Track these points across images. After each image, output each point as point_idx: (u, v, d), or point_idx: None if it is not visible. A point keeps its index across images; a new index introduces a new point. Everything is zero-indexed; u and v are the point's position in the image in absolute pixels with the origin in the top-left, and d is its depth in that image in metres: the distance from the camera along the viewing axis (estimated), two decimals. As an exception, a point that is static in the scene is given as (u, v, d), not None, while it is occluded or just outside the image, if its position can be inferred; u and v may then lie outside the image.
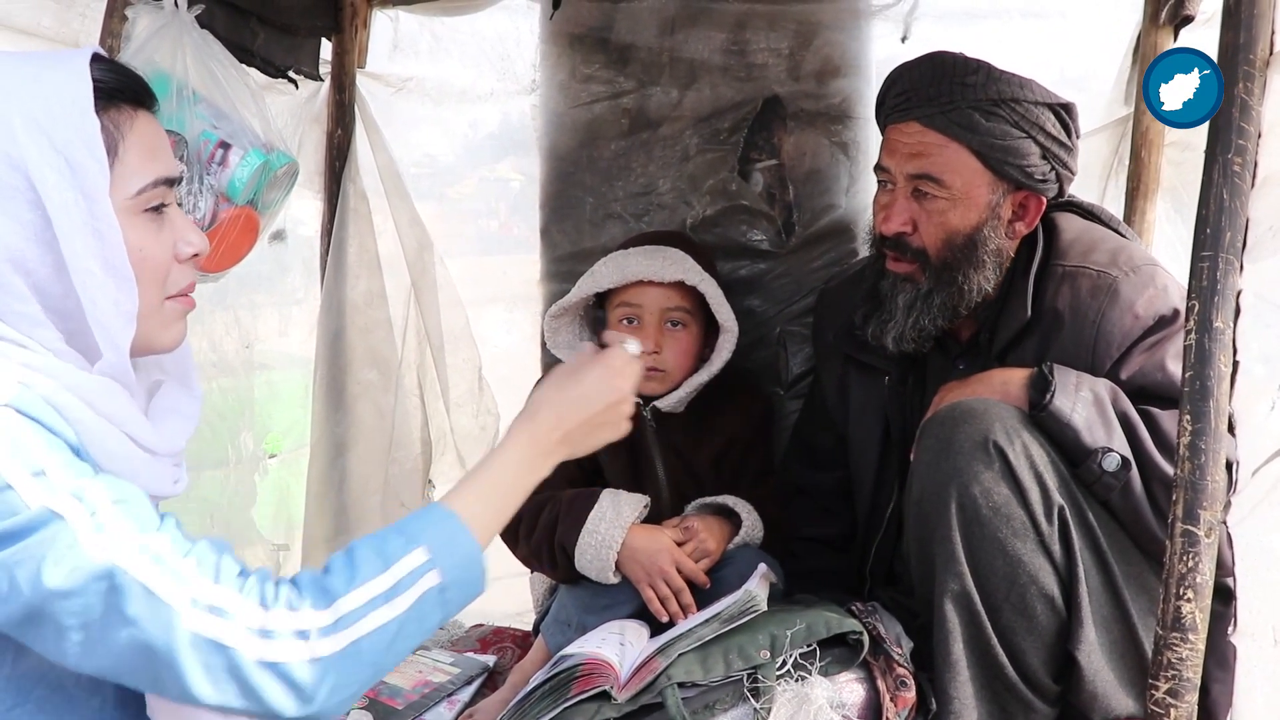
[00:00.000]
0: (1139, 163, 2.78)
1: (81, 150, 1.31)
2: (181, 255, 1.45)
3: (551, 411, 1.53)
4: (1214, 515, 1.59)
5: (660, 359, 2.43)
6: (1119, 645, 1.90)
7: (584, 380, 1.57)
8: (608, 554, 2.24)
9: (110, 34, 2.22)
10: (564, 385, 1.57)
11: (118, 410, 1.37)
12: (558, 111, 2.92)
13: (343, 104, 3.11)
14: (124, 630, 1.21)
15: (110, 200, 1.33)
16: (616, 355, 1.61)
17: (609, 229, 2.84)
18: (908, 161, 2.12)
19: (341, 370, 3.14)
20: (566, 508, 2.30)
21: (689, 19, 2.79)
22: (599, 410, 1.56)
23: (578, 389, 1.56)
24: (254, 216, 2.36)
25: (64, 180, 1.30)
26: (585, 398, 1.55)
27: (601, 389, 1.56)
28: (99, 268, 1.32)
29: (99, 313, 1.33)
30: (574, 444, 1.55)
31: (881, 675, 1.94)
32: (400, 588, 1.31)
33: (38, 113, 1.30)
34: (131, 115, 1.39)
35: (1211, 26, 2.35)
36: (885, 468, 2.34)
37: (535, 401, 1.56)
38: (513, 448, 1.50)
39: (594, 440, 1.58)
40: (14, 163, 1.28)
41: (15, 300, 1.31)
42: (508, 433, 1.53)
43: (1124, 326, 2.01)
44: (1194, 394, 1.58)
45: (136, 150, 1.38)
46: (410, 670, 2.51)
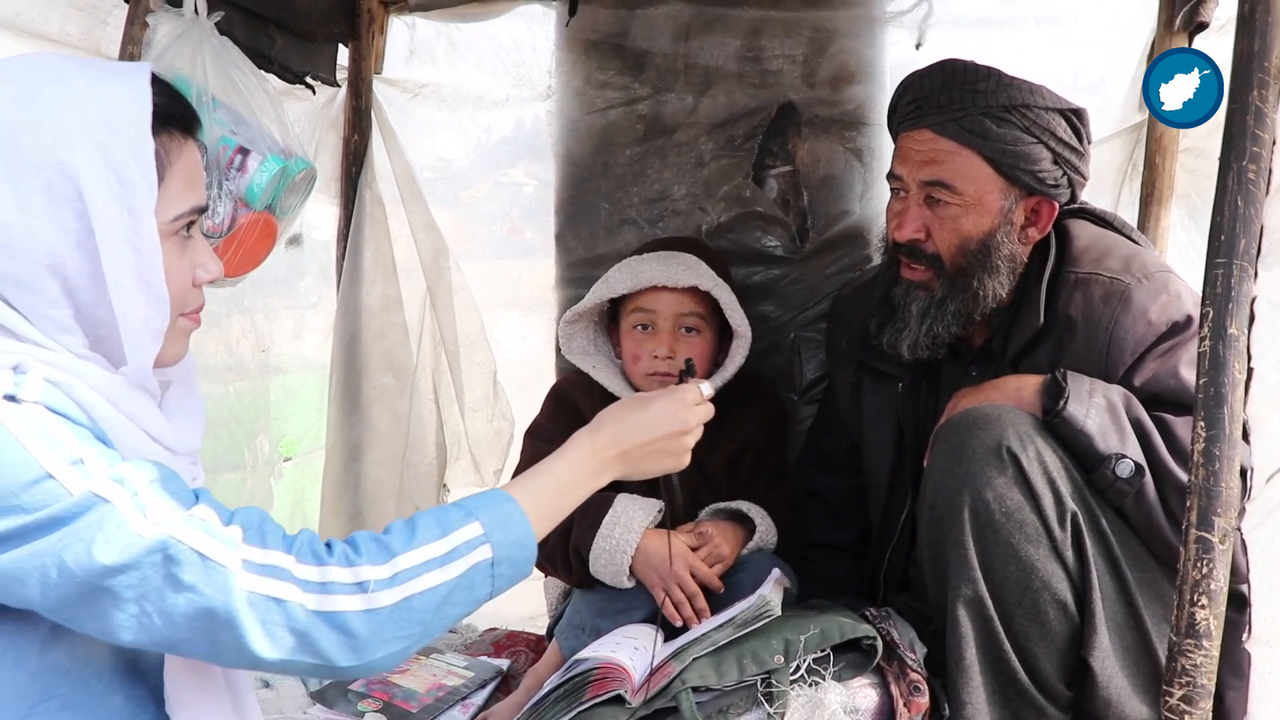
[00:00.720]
0: (1153, 169, 2.78)
1: (134, 169, 1.33)
2: (199, 280, 1.48)
3: (614, 428, 1.61)
4: (1228, 521, 1.59)
5: (674, 364, 2.44)
6: (1132, 651, 1.90)
7: (651, 406, 1.64)
8: (622, 558, 2.25)
9: (131, 40, 2.24)
10: (632, 407, 1.65)
11: (139, 410, 1.40)
12: (573, 117, 2.94)
13: (359, 109, 3.13)
14: (182, 596, 1.25)
15: (154, 221, 1.36)
16: (689, 391, 1.68)
17: (624, 234, 2.86)
18: (920, 169, 2.13)
19: (357, 374, 3.15)
20: (581, 512, 2.30)
21: (704, 25, 2.80)
22: (659, 437, 1.63)
23: (643, 413, 1.63)
24: (272, 221, 2.37)
25: (113, 195, 1.32)
26: (648, 422, 1.62)
27: (666, 417, 1.64)
28: (134, 284, 1.35)
29: (129, 327, 1.36)
30: (631, 464, 1.63)
31: (895, 680, 1.94)
32: (454, 555, 1.38)
33: (97, 126, 1.32)
34: (182, 143, 1.42)
35: (1226, 33, 2.35)
36: (899, 474, 2.34)
37: (601, 417, 1.64)
38: (572, 453, 1.59)
39: (652, 465, 1.66)
40: (66, 171, 1.30)
41: (47, 304, 1.33)
42: (569, 440, 1.61)
43: (1137, 333, 2.02)
44: (1208, 400, 1.58)
45: (181, 177, 1.41)
46: (424, 673, 2.52)
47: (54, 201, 1.31)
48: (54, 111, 1.31)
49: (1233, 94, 1.60)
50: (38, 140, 1.30)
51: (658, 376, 2.45)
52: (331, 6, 3.00)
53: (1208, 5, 2.54)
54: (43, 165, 1.30)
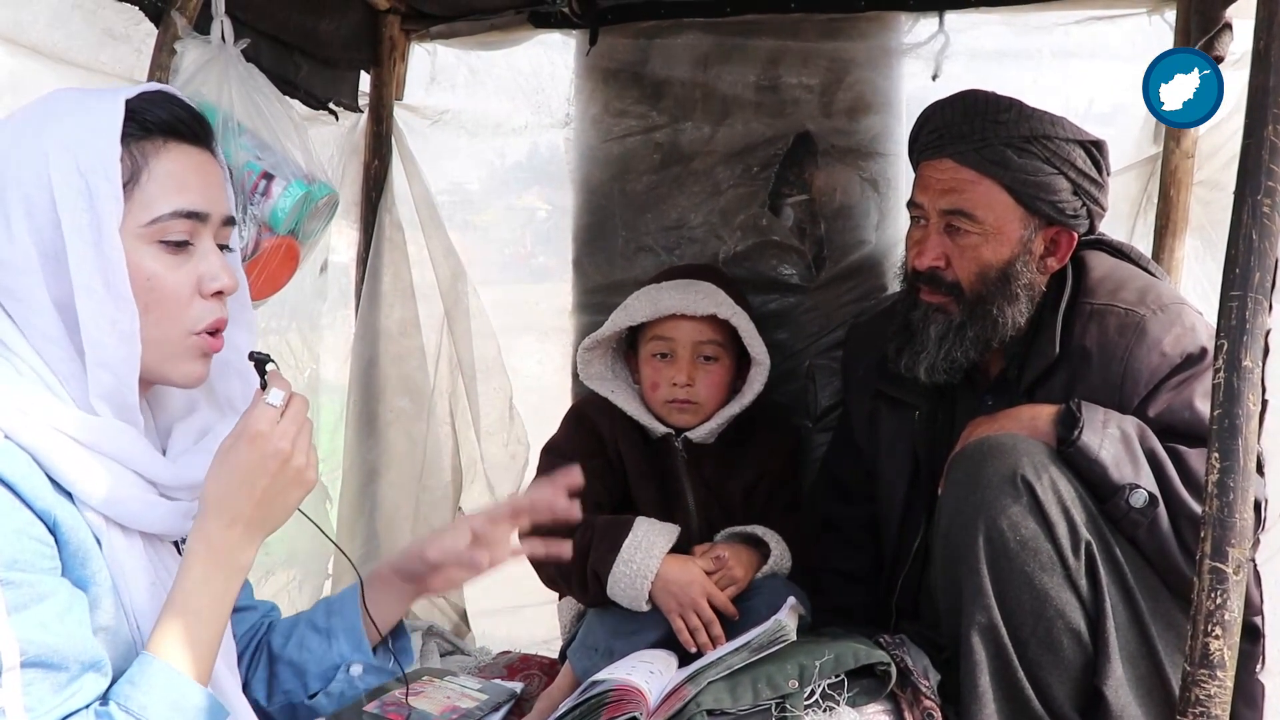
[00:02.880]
0: (1168, 201, 2.78)
1: (99, 174, 1.35)
2: (206, 291, 1.45)
3: (216, 509, 1.40)
4: (1242, 553, 1.59)
5: (693, 391, 2.46)
6: (1145, 681, 1.90)
7: (236, 462, 1.41)
8: (642, 583, 2.26)
9: (159, 67, 2.26)
10: (219, 475, 1.41)
11: (121, 448, 1.38)
12: (591, 145, 2.96)
13: (380, 135, 3.15)
14: None
15: (120, 224, 1.37)
16: (259, 418, 1.42)
17: (640, 262, 2.88)
18: (941, 197, 2.14)
19: (374, 398, 3.16)
20: (600, 534, 2.31)
21: (722, 55, 2.83)
22: (266, 485, 1.41)
23: (234, 475, 1.41)
24: (295, 246, 2.39)
25: (81, 201, 1.35)
26: (242, 477, 1.40)
27: (256, 462, 1.41)
28: (100, 285, 1.35)
29: (94, 328, 1.36)
30: (261, 524, 1.43)
31: (909, 707, 1.94)
32: None
33: (70, 139, 1.36)
34: (162, 147, 1.42)
35: (1241, 67, 2.36)
36: (913, 501, 2.34)
37: (201, 502, 1.42)
38: (193, 567, 1.39)
39: (283, 507, 1.45)
40: (43, 183, 1.35)
41: (34, 313, 1.36)
42: (186, 548, 1.41)
43: (1151, 364, 2.03)
44: (1222, 432, 1.58)
45: (162, 182, 1.40)
46: (439, 696, 2.52)
47: (30, 212, 1.34)
48: (40, 132, 1.36)
49: (1248, 128, 1.61)
50: (21, 158, 1.35)
51: (676, 404, 2.47)
52: (354, 33, 3.03)
53: (1223, 39, 2.55)
54: (22, 180, 1.35)
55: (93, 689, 1.28)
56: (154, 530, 1.44)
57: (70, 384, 1.38)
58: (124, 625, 1.38)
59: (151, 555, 1.44)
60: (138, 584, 1.40)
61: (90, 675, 1.28)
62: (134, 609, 1.39)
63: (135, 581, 1.40)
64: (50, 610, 1.25)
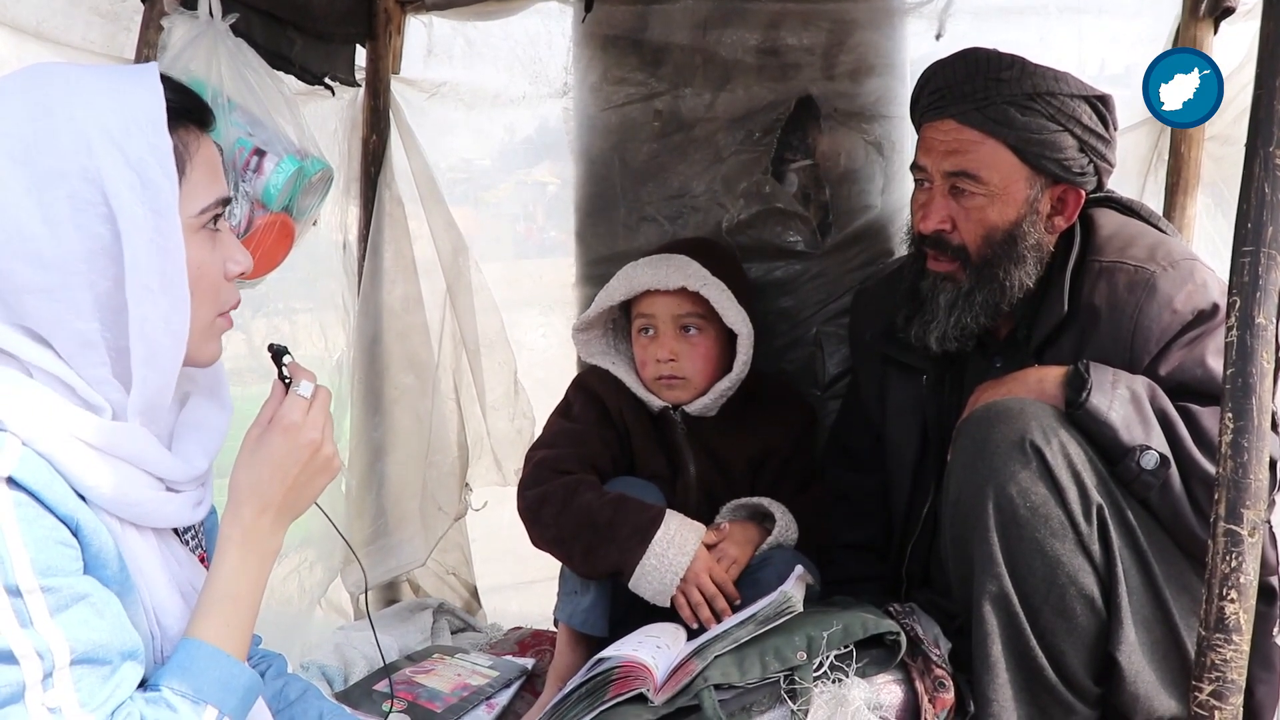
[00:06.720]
0: (1179, 158, 2.75)
1: (155, 168, 1.32)
2: (229, 273, 1.47)
3: (250, 499, 1.46)
4: (1257, 514, 1.56)
5: (678, 366, 2.44)
6: (1160, 646, 1.87)
7: (269, 452, 1.47)
8: (672, 579, 2.24)
9: (146, 44, 2.24)
10: (252, 464, 1.47)
11: (138, 451, 1.38)
12: (590, 114, 2.93)
13: (377, 110, 3.12)
14: None
15: (179, 218, 1.35)
16: (291, 409, 1.49)
17: (643, 232, 2.84)
18: (944, 159, 2.11)
19: (379, 375, 3.15)
20: (624, 521, 2.27)
21: (722, 19, 2.78)
22: (297, 473, 1.47)
23: (267, 465, 1.46)
24: (289, 223, 2.37)
25: (137, 195, 1.31)
26: (277, 469, 1.46)
27: (289, 452, 1.47)
28: (157, 284, 1.34)
29: (148, 329, 1.34)
30: (289, 511, 1.49)
31: (919, 676, 1.93)
32: None
33: (114, 128, 1.31)
34: (198, 136, 1.42)
35: (1252, 18, 2.32)
36: (922, 468, 2.32)
37: (232, 491, 1.48)
38: (229, 553, 1.44)
39: (311, 493, 1.52)
40: (89, 176, 1.30)
41: (75, 316, 1.33)
42: (220, 536, 1.46)
43: (1162, 322, 1.99)
44: (1236, 391, 1.56)
45: (202, 170, 1.41)
46: (449, 673, 2.52)
47: (79, 208, 1.30)
48: (72, 118, 1.30)
49: (1259, 78, 1.58)
50: (57, 148, 1.29)
51: (664, 380, 2.45)
52: (348, 7, 3.00)
53: (1235, -10, 2.51)
54: (65, 173, 1.29)
55: (133, 678, 1.32)
56: (166, 524, 1.47)
57: (101, 387, 1.37)
58: (143, 621, 1.39)
59: (162, 548, 1.47)
60: (156, 580, 1.43)
61: (129, 664, 1.31)
62: (153, 604, 1.42)
63: (154, 579, 1.43)
64: (89, 608, 1.28)
